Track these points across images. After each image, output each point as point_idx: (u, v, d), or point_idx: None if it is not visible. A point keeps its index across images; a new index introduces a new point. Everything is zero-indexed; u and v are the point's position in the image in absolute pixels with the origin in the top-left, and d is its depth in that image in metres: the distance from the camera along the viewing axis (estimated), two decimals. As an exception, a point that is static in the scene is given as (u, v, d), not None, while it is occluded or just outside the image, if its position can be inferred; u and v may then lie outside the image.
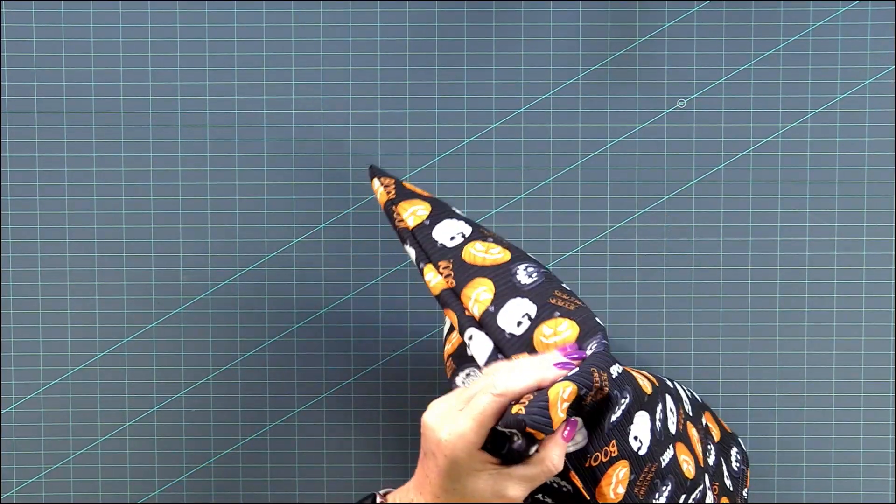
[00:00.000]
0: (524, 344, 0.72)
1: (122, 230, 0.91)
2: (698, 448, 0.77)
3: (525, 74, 0.91)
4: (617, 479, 0.70)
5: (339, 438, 0.92)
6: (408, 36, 0.91)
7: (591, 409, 0.69)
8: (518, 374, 0.67)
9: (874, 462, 0.92)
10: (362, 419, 0.93)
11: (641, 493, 0.71)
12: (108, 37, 0.91)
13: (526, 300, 0.73)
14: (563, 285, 0.75)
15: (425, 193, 0.80)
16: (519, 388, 0.66)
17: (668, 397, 0.78)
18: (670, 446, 0.74)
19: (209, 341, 0.92)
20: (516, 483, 0.67)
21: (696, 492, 0.76)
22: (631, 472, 0.70)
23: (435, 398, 0.71)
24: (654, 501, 0.72)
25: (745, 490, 0.85)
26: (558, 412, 0.65)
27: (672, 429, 0.74)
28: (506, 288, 0.74)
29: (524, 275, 0.75)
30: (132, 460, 0.92)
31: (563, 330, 0.72)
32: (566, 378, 0.66)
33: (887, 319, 0.92)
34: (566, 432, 0.67)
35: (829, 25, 0.91)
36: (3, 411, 0.92)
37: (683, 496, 0.74)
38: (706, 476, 0.78)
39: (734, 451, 0.85)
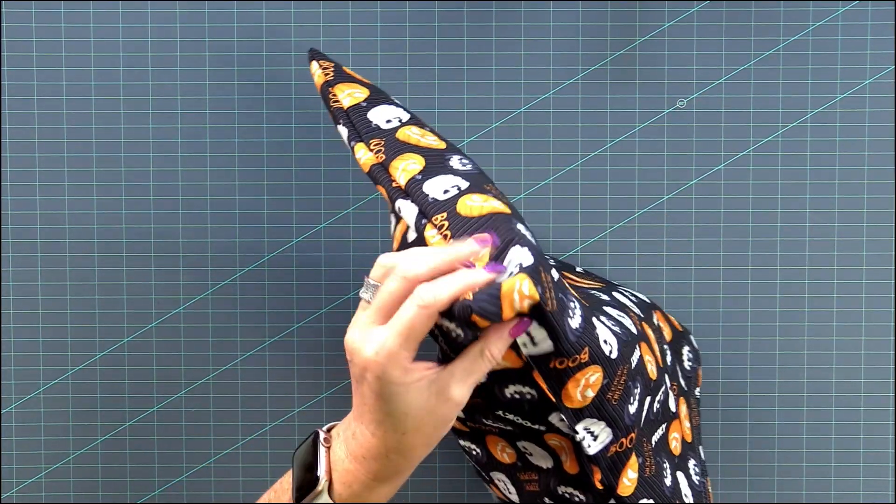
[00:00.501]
0: (447, 206, 0.67)
1: (122, 230, 0.91)
2: (656, 348, 0.74)
3: (525, 74, 0.91)
4: (587, 383, 0.66)
5: (339, 438, 0.92)
6: (408, 36, 0.91)
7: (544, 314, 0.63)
8: (444, 283, 0.60)
9: (874, 462, 0.92)
10: (362, 419, 0.93)
11: (615, 398, 0.67)
12: (108, 37, 0.91)
13: (458, 177, 0.69)
14: (494, 184, 0.72)
15: (366, 81, 0.78)
16: (446, 297, 0.60)
17: (616, 294, 0.75)
18: (637, 346, 0.70)
19: (209, 341, 0.92)
20: (458, 381, 0.62)
21: (660, 393, 0.73)
22: (604, 377, 0.66)
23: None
24: (628, 406, 0.68)
25: (697, 389, 0.82)
26: (513, 304, 0.59)
27: (633, 329, 0.71)
28: (437, 166, 0.70)
29: (458, 163, 0.71)
30: (132, 460, 0.93)
31: (494, 203, 0.66)
32: (521, 271, 0.61)
33: (887, 319, 0.92)
34: (515, 327, 0.62)
35: (829, 25, 0.91)
36: (3, 411, 0.92)
37: (648, 398, 0.71)
38: (666, 376, 0.75)
39: (686, 349, 0.83)
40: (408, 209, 0.68)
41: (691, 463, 0.76)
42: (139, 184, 0.91)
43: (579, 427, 0.67)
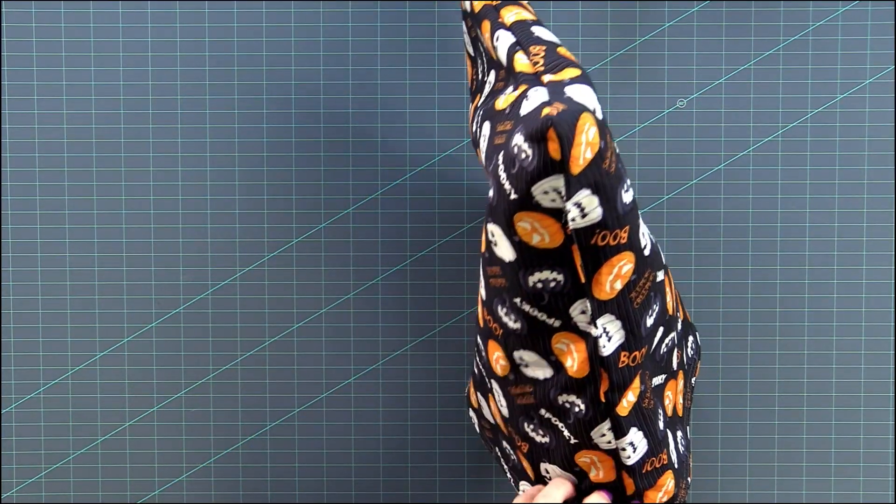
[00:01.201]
0: (547, 44, 0.66)
1: (122, 230, 0.91)
2: (675, 294, 0.74)
3: (525, 74, 0.91)
4: (618, 273, 0.65)
5: (339, 438, 0.92)
6: (408, 36, 0.91)
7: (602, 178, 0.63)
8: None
9: (874, 462, 0.92)
10: (362, 419, 0.93)
11: (638, 300, 0.66)
12: (108, 37, 0.91)
13: (564, 48, 0.69)
14: None
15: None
16: None
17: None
18: (663, 267, 0.70)
19: (209, 341, 0.92)
20: None
21: (669, 337, 0.72)
22: (634, 271, 0.65)
23: (435, 397, 0.70)
24: (646, 317, 0.67)
25: (694, 379, 0.81)
26: (579, 143, 0.60)
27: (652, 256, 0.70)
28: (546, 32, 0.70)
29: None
30: (132, 460, 0.93)
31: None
32: (589, 111, 0.61)
33: (887, 319, 0.92)
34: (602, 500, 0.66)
35: (829, 25, 0.91)
36: (3, 411, 0.92)
37: (662, 329, 0.70)
38: (676, 334, 0.74)
39: (691, 339, 0.82)
40: (505, 37, 0.67)
41: (679, 434, 0.75)
42: (139, 184, 0.91)
43: (599, 322, 0.65)
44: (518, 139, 0.61)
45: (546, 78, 0.64)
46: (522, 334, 0.71)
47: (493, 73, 0.72)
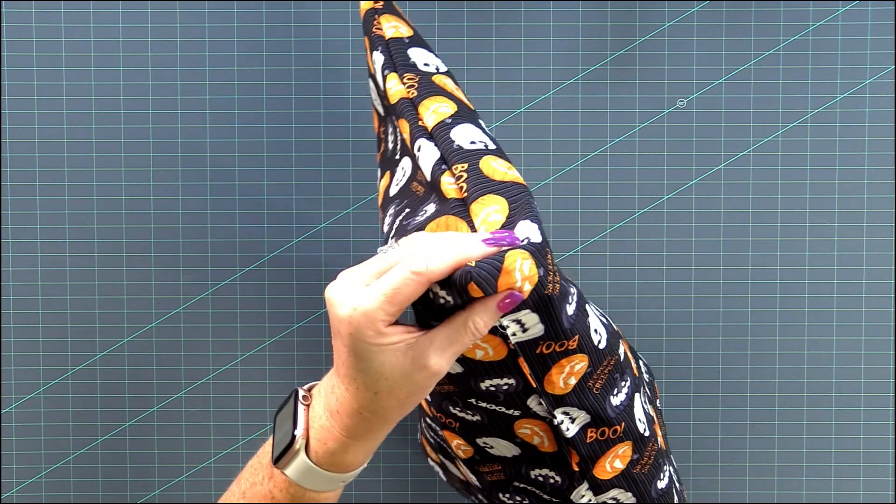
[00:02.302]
0: (470, 157, 0.65)
1: (122, 230, 0.91)
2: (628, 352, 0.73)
3: (525, 74, 0.91)
4: (571, 371, 0.65)
5: (339, 438, 0.92)
6: (408, 36, 0.91)
7: (542, 299, 0.62)
8: (440, 252, 0.59)
9: (874, 462, 0.92)
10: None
11: (597, 386, 0.66)
12: (108, 37, 0.91)
13: (487, 136, 0.67)
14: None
15: (412, 24, 0.76)
16: (440, 268, 0.58)
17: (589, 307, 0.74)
18: (619, 342, 0.69)
19: (209, 341, 0.92)
20: (437, 350, 0.60)
21: (644, 391, 0.72)
22: (588, 366, 0.65)
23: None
24: (611, 397, 0.67)
25: (658, 401, 0.82)
26: (513, 282, 0.58)
27: (613, 325, 0.70)
28: (468, 117, 0.68)
29: (486, 128, 0.69)
30: (132, 460, 0.93)
31: (516, 173, 0.65)
32: (522, 247, 0.59)
33: (887, 319, 0.92)
34: (506, 301, 0.60)
35: (829, 25, 0.91)
36: (3, 411, 0.92)
37: (638, 395, 0.70)
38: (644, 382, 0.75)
39: (641, 362, 0.82)
40: (428, 151, 0.66)
41: (670, 469, 0.76)
42: (139, 184, 0.91)
43: (558, 412, 0.66)
44: (435, 287, 0.60)
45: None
46: (483, 424, 0.72)
47: (408, 160, 0.70)
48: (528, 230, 0.61)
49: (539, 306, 0.62)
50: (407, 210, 0.69)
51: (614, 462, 0.69)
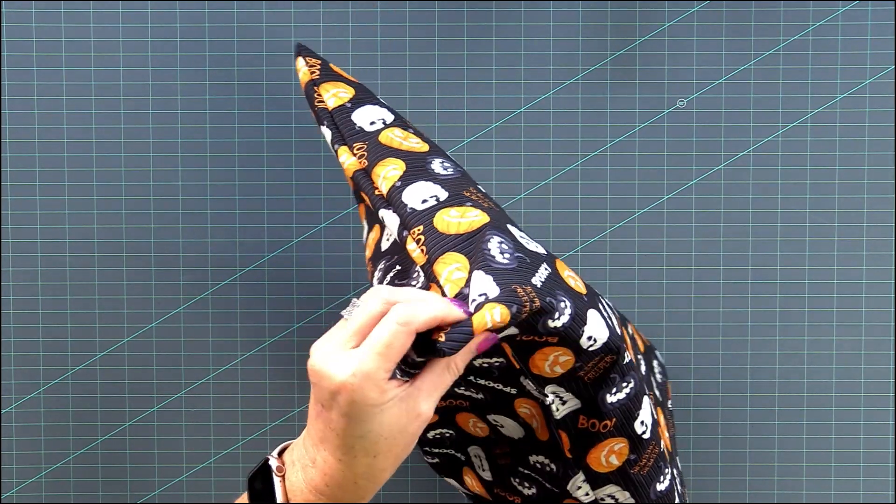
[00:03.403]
0: (424, 217, 0.66)
1: (122, 230, 0.91)
2: (631, 354, 0.73)
3: (525, 74, 0.91)
4: (555, 360, 0.66)
5: (339, 438, 0.92)
6: (408, 36, 0.91)
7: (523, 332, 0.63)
8: (423, 303, 0.59)
9: (874, 462, 0.92)
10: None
11: (589, 377, 0.67)
12: (108, 37, 0.91)
13: (438, 186, 0.68)
14: (479, 187, 0.71)
15: (352, 78, 0.77)
16: (426, 318, 0.59)
17: (601, 299, 0.75)
18: (622, 344, 0.69)
19: (209, 341, 0.92)
20: (426, 396, 0.60)
21: (654, 392, 0.73)
22: (576, 361, 0.66)
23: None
24: (607, 394, 0.68)
25: (669, 402, 0.82)
26: (485, 326, 0.60)
27: (618, 329, 0.70)
28: (417, 171, 0.69)
29: (440, 167, 0.70)
30: (132, 460, 0.93)
31: (471, 216, 0.66)
32: (490, 300, 0.60)
33: (887, 319, 0.92)
34: (481, 343, 0.62)
35: (829, 25, 0.91)
36: (3, 411, 0.92)
37: (646, 398, 0.70)
38: (645, 385, 0.74)
39: (655, 363, 0.82)
40: (391, 219, 0.68)
41: (674, 472, 0.76)
42: (139, 184, 0.91)
43: (547, 390, 0.67)
44: (411, 352, 0.60)
45: (439, 278, 0.64)
46: (488, 402, 0.73)
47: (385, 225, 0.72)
48: (482, 285, 0.62)
49: (520, 324, 0.63)
50: (398, 268, 0.70)
51: (609, 457, 0.69)
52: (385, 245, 0.73)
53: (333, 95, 0.74)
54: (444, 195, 0.68)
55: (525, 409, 0.72)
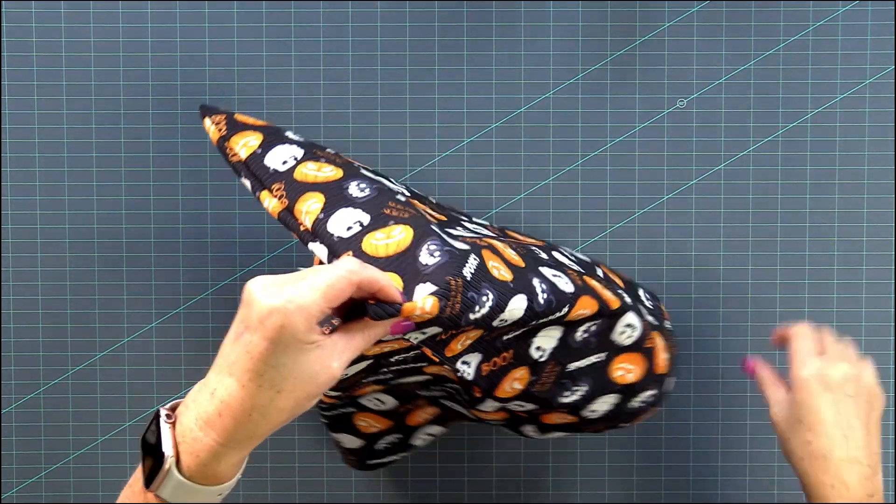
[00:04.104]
0: (352, 243, 0.69)
1: (122, 230, 0.91)
2: (606, 294, 0.76)
3: (525, 74, 0.91)
4: (467, 336, 0.70)
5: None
6: (408, 36, 0.91)
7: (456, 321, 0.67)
8: (369, 268, 0.62)
9: (874, 462, 0.92)
10: (362, 419, 0.93)
11: (493, 336, 0.72)
12: (108, 37, 0.91)
13: (359, 210, 0.71)
14: (398, 196, 0.73)
15: (258, 122, 0.79)
16: (367, 275, 0.61)
17: (556, 253, 0.79)
18: (571, 302, 0.73)
19: (209, 341, 0.92)
20: (338, 354, 0.61)
21: (589, 325, 0.76)
22: (484, 331, 0.70)
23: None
24: (501, 336, 0.72)
25: (667, 322, 0.84)
26: (413, 311, 0.64)
27: (568, 288, 0.73)
28: (336, 199, 0.72)
29: (356, 189, 0.73)
30: (132, 460, 0.93)
31: (396, 234, 0.69)
32: (429, 293, 0.65)
33: (887, 319, 0.92)
34: (401, 324, 0.64)
35: (829, 25, 0.91)
36: (3, 411, 0.92)
37: (560, 329, 0.74)
38: (631, 312, 0.78)
39: (641, 291, 0.85)
40: (320, 251, 0.70)
41: (647, 393, 0.80)
42: (139, 184, 0.91)
43: (458, 364, 0.71)
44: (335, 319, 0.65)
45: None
46: (395, 377, 0.80)
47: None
48: (421, 293, 0.65)
49: (443, 322, 0.67)
50: None
51: (513, 384, 0.75)
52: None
53: (244, 146, 0.77)
54: (366, 219, 0.70)
55: (432, 370, 0.79)
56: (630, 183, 0.91)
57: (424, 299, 0.64)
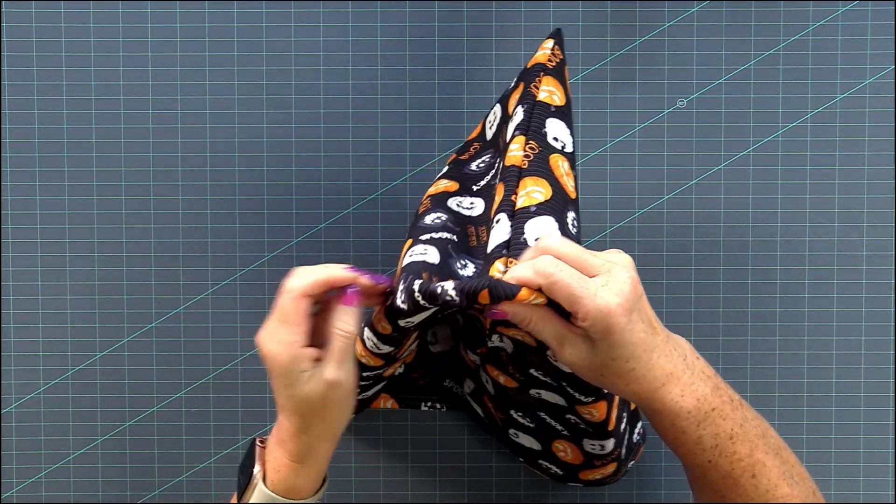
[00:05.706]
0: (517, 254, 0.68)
1: (122, 230, 0.91)
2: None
3: (525, 74, 0.91)
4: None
5: (339, 438, 0.92)
6: (408, 36, 0.91)
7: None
8: (306, 274, 0.68)
9: (874, 462, 0.92)
10: (361, 419, 0.93)
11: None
12: (108, 37, 0.91)
13: (556, 229, 0.69)
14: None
15: (570, 94, 0.77)
16: (303, 285, 0.67)
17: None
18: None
19: (209, 341, 0.92)
20: (327, 363, 0.68)
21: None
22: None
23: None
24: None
25: (632, 462, 0.86)
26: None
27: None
28: (556, 209, 0.70)
29: (571, 223, 0.71)
30: (132, 460, 0.93)
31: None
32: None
33: (887, 319, 0.92)
34: (345, 298, 0.69)
35: (829, 25, 0.91)
36: (3, 411, 0.92)
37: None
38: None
39: (639, 425, 0.86)
40: (501, 230, 0.69)
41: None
42: (139, 184, 0.91)
43: (493, 338, 0.76)
44: (449, 286, 0.65)
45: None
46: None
47: (481, 202, 0.77)
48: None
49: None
50: (457, 241, 0.74)
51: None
52: (489, 134, 0.78)
53: (548, 92, 0.73)
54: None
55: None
56: (630, 183, 0.91)
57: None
